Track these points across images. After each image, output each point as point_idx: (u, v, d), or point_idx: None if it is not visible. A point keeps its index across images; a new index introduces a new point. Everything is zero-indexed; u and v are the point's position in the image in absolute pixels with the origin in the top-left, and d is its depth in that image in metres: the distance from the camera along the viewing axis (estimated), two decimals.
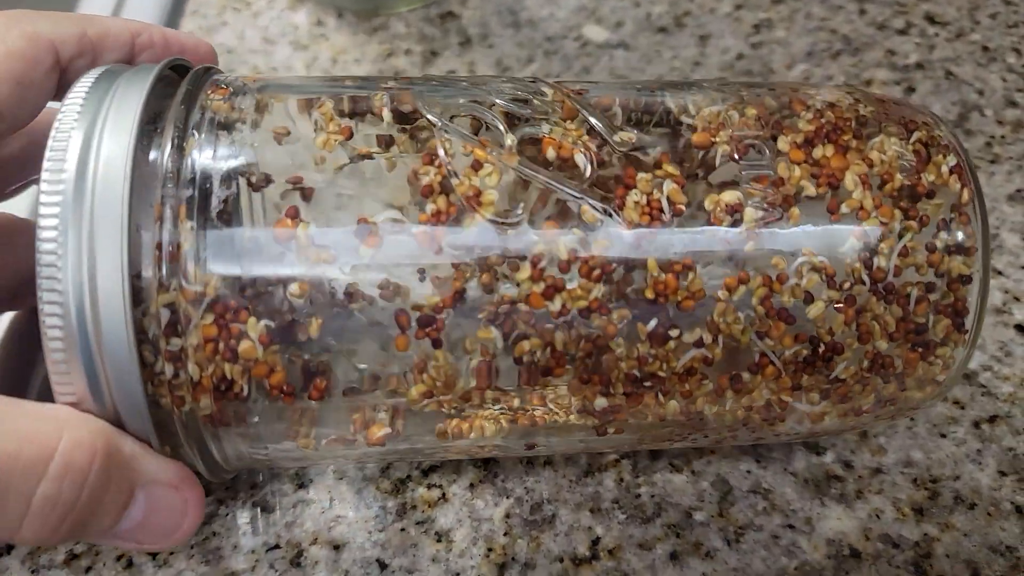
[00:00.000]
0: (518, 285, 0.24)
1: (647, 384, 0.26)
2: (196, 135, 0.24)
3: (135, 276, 0.23)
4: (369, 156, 0.25)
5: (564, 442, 0.28)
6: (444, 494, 0.31)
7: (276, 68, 0.46)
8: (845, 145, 0.26)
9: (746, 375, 0.26)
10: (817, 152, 0.26)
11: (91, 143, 0.23)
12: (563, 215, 0.25)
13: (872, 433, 0.32)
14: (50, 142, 0.23)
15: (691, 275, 0.25)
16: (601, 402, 0.26)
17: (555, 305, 0.24)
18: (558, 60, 0.46)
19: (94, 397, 0.23)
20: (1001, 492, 0.31)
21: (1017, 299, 0.35)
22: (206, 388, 0.24)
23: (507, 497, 0.31)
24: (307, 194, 0.24)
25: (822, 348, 0.26)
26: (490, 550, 0.30)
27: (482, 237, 0.24)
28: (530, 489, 0.31)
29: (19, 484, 0.21)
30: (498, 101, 0.26)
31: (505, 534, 0.30)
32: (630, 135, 0.25)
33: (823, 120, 0.26)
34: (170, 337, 0.23)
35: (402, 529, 0.30)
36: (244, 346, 0.24)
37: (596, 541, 0.30)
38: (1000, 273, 0.36)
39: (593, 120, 0.25)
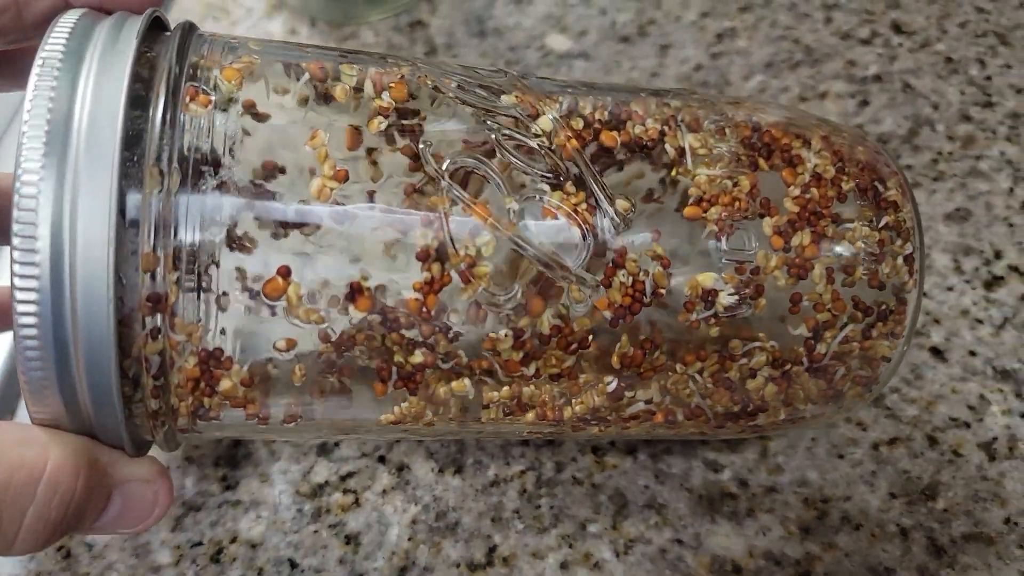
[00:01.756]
0: (499, 353, 0.25)
1: (593, 422, 0.28)
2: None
3: (119, 322, 0.22)
4: (370, 198, 0.24)
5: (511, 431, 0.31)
6: (357, 499, 0.33)
7: None
8: (822, 233, 0.27)
9: (680, 418, 0.29)
10: (796, 240, 0.27)
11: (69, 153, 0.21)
12: (549, 287, 0.25)
13: (772, 452, 0.35)
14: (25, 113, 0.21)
15: (657, 353, 0.26)
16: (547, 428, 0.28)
17: (530, 370, 0.26)
18: (518, 70, 0.43)
19: (71, 419, 0.23)
20: (888, 514, 0.32)
21: (937, 321, 0.37)
22: (184, 414, 0.25)
23: (415, 504, 0.33)
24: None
25: (751, 407, 0.29)
26: (393, 554, 0.32)
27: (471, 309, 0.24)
28: (438, 497, 0.33)
29: (11, 510, 0.22)
30: (505, 139, 0.25)
31: (409, 539, 0.32)
32: (627, 204, 0.25)
33: (808, 199, 0.27)
34: (155, 378, 0.23)
35: (315, 531, 0.33)
36: (225, 386, 0.24)
37: (493, 549, 0.32)
38: (924, 295, 0.37)
39: (595, 188, 0.25)
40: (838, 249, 0.27)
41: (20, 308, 0.21)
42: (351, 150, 0.24)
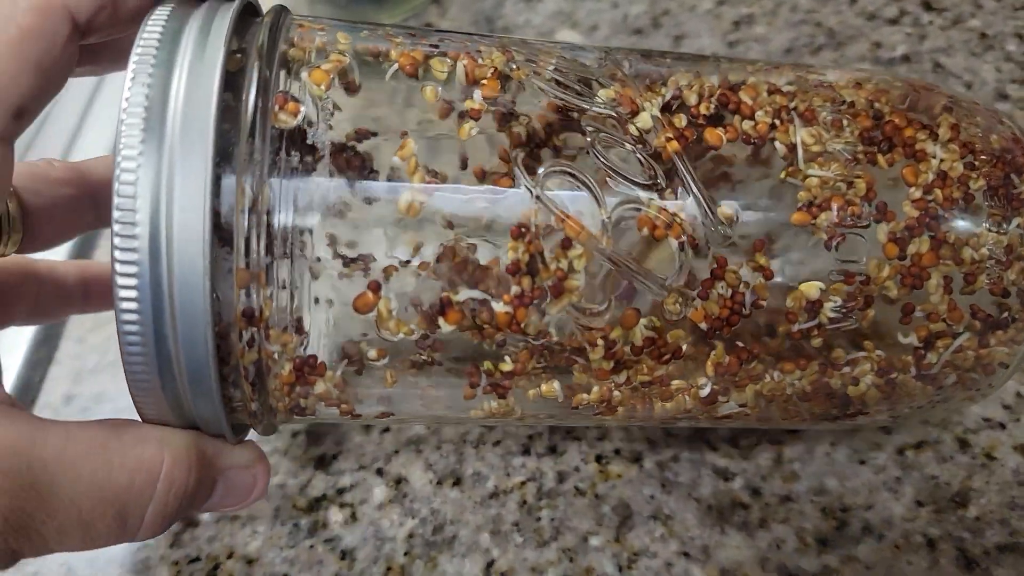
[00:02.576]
0: (589, 363, 0.25)
1: (683, 419, 0.28)
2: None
3: (216, 332, 0.23)
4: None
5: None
6: (354, 513, 0.33)
7: None
8: (942, 240, 0.25)
9: (774, 416, 0.28)
10: (912, 248, 0.25)
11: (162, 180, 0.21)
12: (642, 299, 0.24)
13: (787, 459, 0.32)
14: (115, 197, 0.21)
15: (754, 362, 0.25)
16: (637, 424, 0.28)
17: (620, 378, 0.25)
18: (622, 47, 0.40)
19: (176, 416, 0.24)
20: (914, 524, 0.30)
21: None
22: (282, 411, 0.25)
23: (412, 517, 0.33)
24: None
25: (851, 410, 0.27)
26: (389, 569, 0.32)
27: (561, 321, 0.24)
28: (436, 510, 0.33)
29: (135, 508, 0.24)
30: (600, 142, 0.24)
31: (405, 554, 0.32)
32: (730, 213, 0.24)
33: (929, 202, 0.25)
34: (253, 384, 0.24)
35: (311, 547, 0.33)
36: (320, 390, 0.24)
37: (490, 564, 0.31)
38: None
39: (697, 195, 0.24)
40: (962, 255, 0.25)
41: (122, 305, 0.22)
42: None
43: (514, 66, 0.25)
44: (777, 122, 0.25)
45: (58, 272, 0.31)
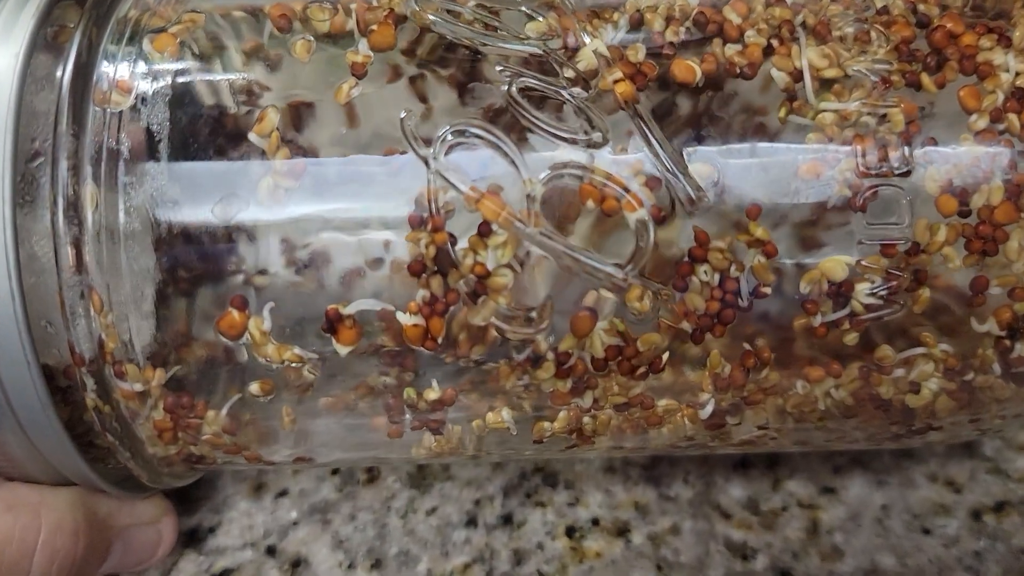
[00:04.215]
0: (538, 384, 0.19)
1: (691, 448, 0.21)
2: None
3: (60, 372, 0.18)
4: None
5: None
6: None
7: None
8: (1022, 186, 0.18)
9: (817, 439, 0.21)
10: (978, 198, 0.18)
11: None
12: (597, 299, 0.18)
13: (825, 527, 0.25)
14: None
15: (765, 371, 0.19)
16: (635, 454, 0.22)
17: (585, 402, 0.19)
18: None
19: (49, 474, 0.20)
20: None
21: None
22: (174, 461, 0.21)
23: None
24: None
25: (918, 424, 0.20)
26: None
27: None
28: None
29: None
30: (522, 92, 0.18)
31: None
32: (708, 168, 0.18)
33: (1001, 133, 0.18)
34: (112, 433, 0.19)
35: None
36: (208, 433, 0.20)
37: None
38: None
39: (658, 150, 0.17)
40: None
41: None
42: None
43: (416, 4, 0.19)
44: (775, 43, 0.19)
45: None
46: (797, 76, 0.18)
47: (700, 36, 0.19)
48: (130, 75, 0.18)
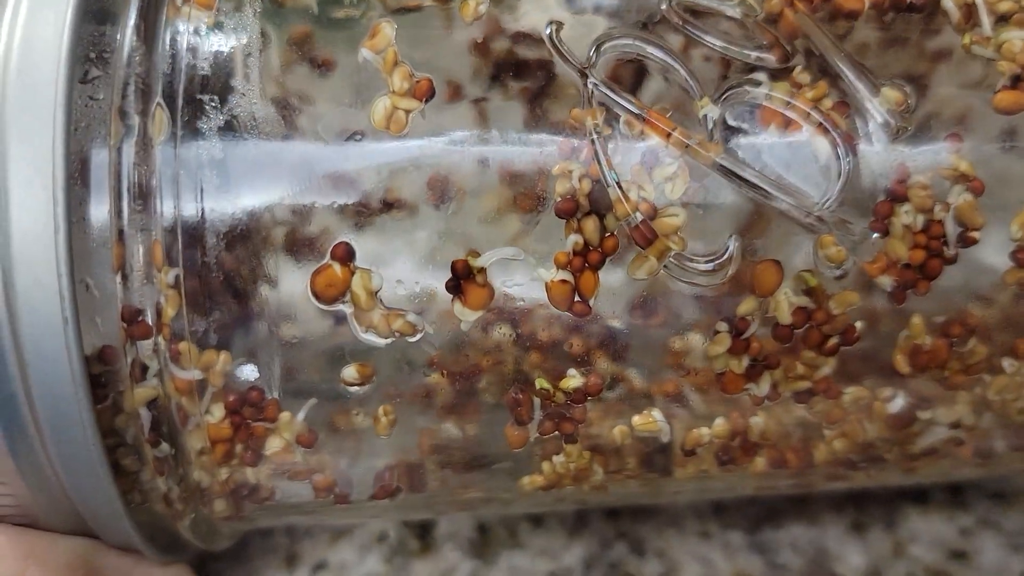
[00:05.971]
0: (709, 365, 0.15)
1: (862, 464, 0.18)
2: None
3: (95, 356, 0.14)
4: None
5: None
6: None
7: None
8: None
9: (1002, 447, 0.18)
10: None
11: None
12: (783, 243, 0.15)
13: None
14: None
15: (972, 342, 0.16)
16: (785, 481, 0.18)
17: (761, 388, 0.16)
18: None
19: (51, 513, 0.15)
20: None
21: None
22: (220, 493, 0.16)
23: None
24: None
25: None
26: None
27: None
28: None
29: None
30: (682, 8, 0.15)
31: None
32: (899, 95, 0.15)
33: None
34: (156, 443, 0.14)
35: None
36: (274, 447, 0.15)
37: None
38: None
39: (846, 73, 0.15)
40: None
41: None
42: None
43: None
44: None
45: None
46: (969, 9, 0.16)
47: None
48: None
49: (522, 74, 0.15)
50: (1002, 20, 0.16)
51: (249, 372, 0.15)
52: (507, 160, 0.14)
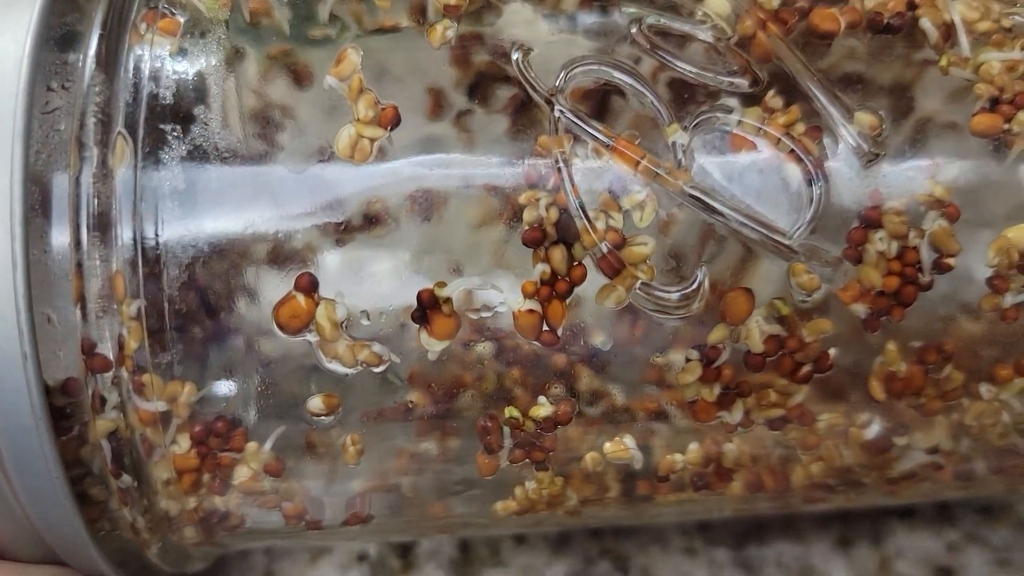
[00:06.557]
0: (680, 394, 0.15)
1: (840, 488, 0.17)
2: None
3: (59, 388, 0.13)
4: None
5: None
6: None
7: None
8: None
9: (982, 471, 0.18)
10: None
11: None
12: (753, 271, 0.15)
13: None
14: None
15: (947, 368, 0.16)
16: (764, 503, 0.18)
17: (734, 416, 0.15)
18: None
19: (19, 541, 0.15)
20: None
21: None
22: (189, 521, 0.16)
23: None
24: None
25: None
26: None
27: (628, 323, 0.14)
28: None
29: None
30: (652, 33, 0.15)
31: None
32: (874, 120, 0.15)
33: None
34: (118, 475, 0.14)
35: None
36: (242, 476, 0.15)
37: None
38: None
39: (819, 97, 0.15)
40: None
41: None
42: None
43: None
44: None
45: None
46: (948, 30, 0.16)
47: None
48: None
49: (490, 100, 0.14)
50: (983, 41, 0.16)
51: (219, 398, 0.15)
52: (475, 187, 0.14)
